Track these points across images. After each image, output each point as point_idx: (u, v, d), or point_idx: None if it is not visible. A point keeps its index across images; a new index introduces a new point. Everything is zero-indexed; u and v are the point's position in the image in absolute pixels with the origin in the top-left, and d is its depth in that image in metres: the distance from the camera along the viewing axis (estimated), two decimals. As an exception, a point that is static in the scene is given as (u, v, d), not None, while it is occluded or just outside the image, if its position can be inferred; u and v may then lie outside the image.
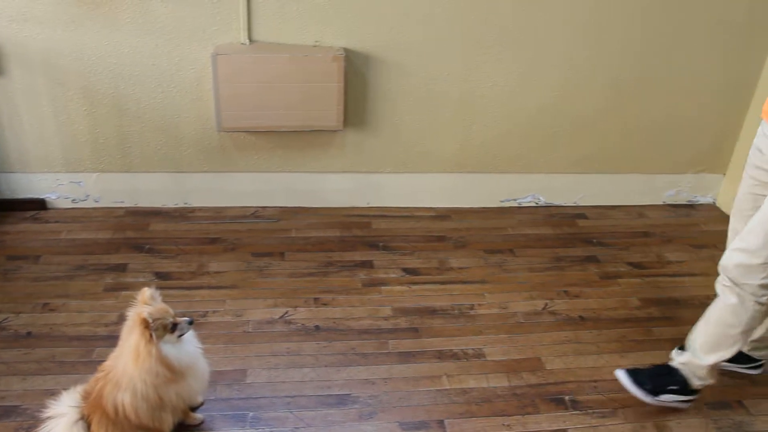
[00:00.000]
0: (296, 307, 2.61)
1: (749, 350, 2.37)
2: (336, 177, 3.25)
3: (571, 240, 3.18)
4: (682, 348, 2.24)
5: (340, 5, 2.86)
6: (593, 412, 2.19)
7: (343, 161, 3.22)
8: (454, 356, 2.39)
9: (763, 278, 1.92)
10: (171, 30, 2.82)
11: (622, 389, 2.29)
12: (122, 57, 2.86)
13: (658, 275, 2.96)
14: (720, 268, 2.04)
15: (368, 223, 3.20)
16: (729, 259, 2.00)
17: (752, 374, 2.40)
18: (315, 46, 2.92)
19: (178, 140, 3.08)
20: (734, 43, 3.18)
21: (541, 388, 2.28)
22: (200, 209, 3.23)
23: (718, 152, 3.49)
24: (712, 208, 3.60)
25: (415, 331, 2.51)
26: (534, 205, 3.46)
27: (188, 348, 1.92)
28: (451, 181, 3.34)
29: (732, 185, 3.50)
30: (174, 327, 1.85)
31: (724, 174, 3.56)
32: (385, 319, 2.57)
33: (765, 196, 1.99)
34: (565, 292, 2.79)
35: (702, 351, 2.12)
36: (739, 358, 2.37)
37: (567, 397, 2.25)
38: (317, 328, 2.50)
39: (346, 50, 2.94)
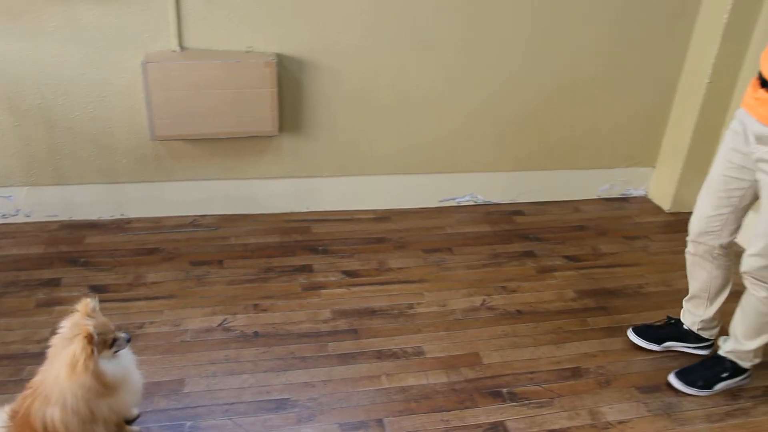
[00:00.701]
0: (235, 314, 2.59)
1: (698, 329, 2.48)
2: (274, 183, 3.25)
3: (508, 236, 3.24)
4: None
5: (271, 11, 2.87)
6: (530, 403, 2.24)
7: (280, 167, 3.21)
8: (393, 355, 2.41)
9: None
10: (99, 38, 2.78)
11: (558, 379, 2.36)
12: (49, 67, 2.80)
13: (592, 267, 3.04)
14: (743, 274, 2.17)
15: (308, 228, 3.20)
16: (749, 266, 2.13)
17: (702, 354, 2.49)
18: (247, 52, 2.92)
19: (111, 150, 3.03)
20: (656, 42, 3.29)
21: (479, 382, 2.31)
22: (137, 220, 3.18)
23: (647, 146, 3.61)
24: (645, 200, 3.71)
25: (354, 333, 2.52)
26: (472, 203, 3.51)
27: (122, 361, 1.88)
28: (390, 183, 3.36)
29: (662, 178, 3.62)
30: (113, 342, 1.81)
31: (654, 167, 3.67)
32: (325, 322, 2.57)
33: (739, 179, 2.12)
34: (503, 287, 2.84)
35: (745, 338, 2.26)
36: (691, 338, 2.48)
37: (504, 390, 2.29)
38: (256, 334, 2.49)
39: (279, 56, 2.94)
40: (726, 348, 2.34)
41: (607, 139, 3.54)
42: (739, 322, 2.28)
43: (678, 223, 3.50)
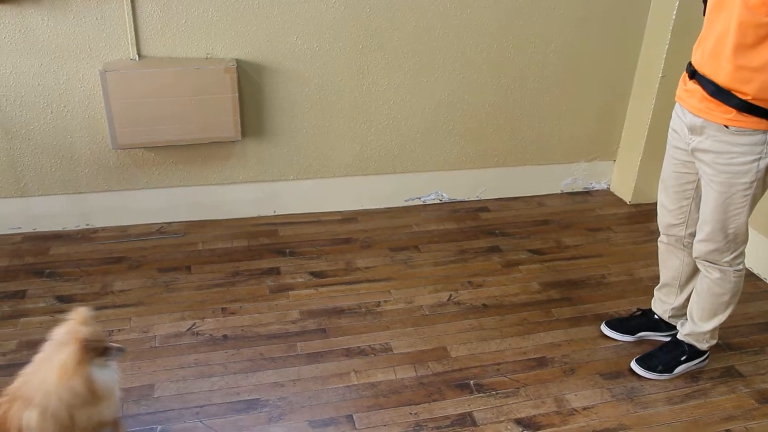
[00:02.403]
0: (204, 318, 2.60)
1: (669, 317, 2.54)
2: (240, 188, 3.26)
3: (474, 233, 3.29)
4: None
5: (229, 18, 2.89)
6: (497, 393, 2.28)
7: (245, 171, 3.23)
8: (361, 353, 2.44)
9: (732, 253, 2.17)
10: (55, 48, 2.77)
11: (524, 369, 2.40)
12: (4, 78, 2.79)
13: (556, 260, 3.09)
14: (696, 258, 2.25)
15: (275, 231, 3.22)
16: (699, 251, 2.21)
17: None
18: (207, 59, 2.93)
19: (73, 161, 3.02)
20: (612, 39, 3.38)
21: (446, 375, 2.35)
22: (103, 229, 3.17)
23: (606, 140, 3.68)
24: (607, 193, 3.79)
25: (323, 332, 2.54)
26: (438, 201, 3.56)
27: (110, 373, 1.88)
28: (355, 184, 3.40)
29: (622, 171, 3.71)
30: (105, 351, 1.81)
31: (614, 160, 3.75)
32: (293, 322, 2.59)
33: (688, 173, 2.19)
34: (469, 282, 2.88)
35: (701, 320, 2.34)
36: (662, 327, 2.55)
37: (472, 382, 2.33)
38: (225, 337, 2.50)
39: (239, 61, 2.96)
40: (684, 331, 2.40)
41: (569, 134, 3.62)
42: (695, 305, 2.35)
43: (639, 215, 3.59)
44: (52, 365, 1.73)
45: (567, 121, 3.56)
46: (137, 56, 2.85)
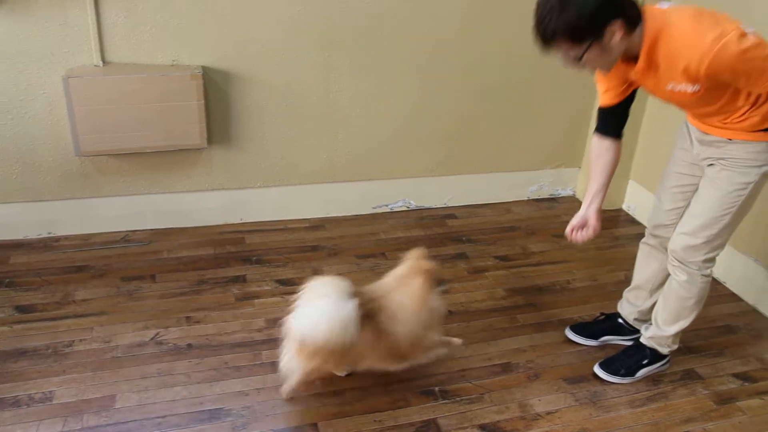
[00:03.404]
0: (168, 327, 2.57)
1: (634, 320, 2.59)
2: (206, 195, 3.24)
3: (441, 239, 3.31)
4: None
5: (195, 24, 2.87)
6: (461, 400, 2.29)
7: (212, 179, 3.21)
8: (327, 360, 2.43)
9: (705, 254, 2.19)
10: (15, 54, 2.73)
11: (489, 375, 2.42)
12: (-35, 85, 2.75)
13: (522, 266, 3.12)
14: (669, 252, 2.28)
15: (242, 239, 3.20)
16: (675, 244, 2.24)
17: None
18: (173, 65, 2.91)
19: (35, 168, 2.97)
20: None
21: (411, 382, 2.35)
22: (66, 238, 3.12)
23: (571, 147, 3.73)
24: (573, 199, 3.83)
25: (288, 340, 2.53)
26: (406, 209, 3.57)
27: (440, 301, 2.23)
28: (322, 191, 3.39)
29: (587, 177, 3.74)
30: (441, 282, 2.21)
31: (580, 167, 3.80)
32: (259, 330, 2.58)
33: (690, 175, 2.23)
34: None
35: (665, 323, 2.37)
36: (625, 330, 2.60)
37: (437, 388, 2.34)
38: (189, 346, 2.48)
39: (205, 68, 2.95)
40: (647, 335, 2.44)
41: (535, 142, 3.66)
42: (660, 308, 2.38)
43: (604, 221, 3.58)
44: (407, 292, 2.13)
45: (533, 128, 3.60)
46: (101, 62, 2.82)
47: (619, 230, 3.55)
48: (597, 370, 2.45)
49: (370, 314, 2.09)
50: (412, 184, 3.53)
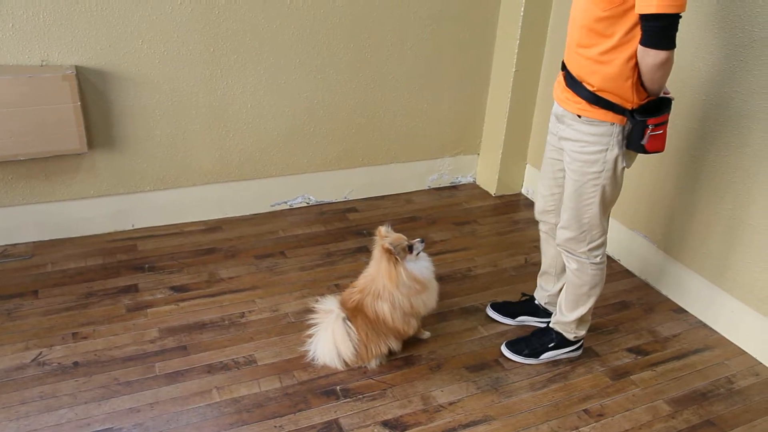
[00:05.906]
0: (51, 346, 2.41)
1: (546, 303, 2.62)
2: (92, 202, 3.06)
3: (342, 234, 3.26)
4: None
5: (64, 21, 2.69)
6: (363, 397, 2.25)
7: (97, 185, 3.03)
8: (224, 368, 2.35)
9: (588, 244, 2.22)
10: None
11: (391, 370, 2.39)
12: None
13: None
14: (557, 246, 2.31)
15: (133, 246, 3.05)
16: (559, 237, 2.27)
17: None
18: (42, 66, 2.72)
19: None
20: (469, 34, 3.44)
21: (312, 383, 2.30)
22: (-64, 257, 2.89)
23: (470, 135, 3.76)
24: (473, 186, 3.87)
25: (183, 350, 2.42)
26: (305, 205, 3.50)
27: (425, 263, 2.39)
28: (217, 192, 3.28)
29: (486, 164, 3.79)
30: (410, 248, 2.31)
31: (478, 154, 3.83)
32: (152, 342, 2.46)
33: (560, 160, 2.24)
34: (336, 285, 2.84)
35: (567, 310, 2.39)
36: (541, 313, 2.64)
37: (338, 387, 2.29)
38: (76, 364, 2.33)
39: (79, 68, 2.77)
40: (553, 320, 2.47)
41: (433, 130, 3.66)
42: (562, 296, 2.42)
43: (504, 206, 3.69)
44: (381, 271, 2.29)
45: (429, 117, 3.60)
46: (-40, 66, 2.61)
47: (518, 214, 3.60)
48: (503, 349, 2.49)
49: (357, 308, 2.31)
50: (312, 180, 3.46)
